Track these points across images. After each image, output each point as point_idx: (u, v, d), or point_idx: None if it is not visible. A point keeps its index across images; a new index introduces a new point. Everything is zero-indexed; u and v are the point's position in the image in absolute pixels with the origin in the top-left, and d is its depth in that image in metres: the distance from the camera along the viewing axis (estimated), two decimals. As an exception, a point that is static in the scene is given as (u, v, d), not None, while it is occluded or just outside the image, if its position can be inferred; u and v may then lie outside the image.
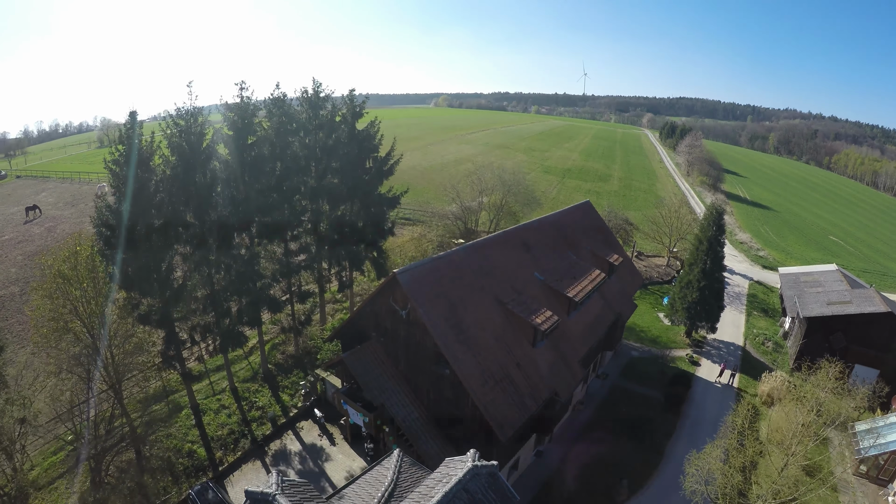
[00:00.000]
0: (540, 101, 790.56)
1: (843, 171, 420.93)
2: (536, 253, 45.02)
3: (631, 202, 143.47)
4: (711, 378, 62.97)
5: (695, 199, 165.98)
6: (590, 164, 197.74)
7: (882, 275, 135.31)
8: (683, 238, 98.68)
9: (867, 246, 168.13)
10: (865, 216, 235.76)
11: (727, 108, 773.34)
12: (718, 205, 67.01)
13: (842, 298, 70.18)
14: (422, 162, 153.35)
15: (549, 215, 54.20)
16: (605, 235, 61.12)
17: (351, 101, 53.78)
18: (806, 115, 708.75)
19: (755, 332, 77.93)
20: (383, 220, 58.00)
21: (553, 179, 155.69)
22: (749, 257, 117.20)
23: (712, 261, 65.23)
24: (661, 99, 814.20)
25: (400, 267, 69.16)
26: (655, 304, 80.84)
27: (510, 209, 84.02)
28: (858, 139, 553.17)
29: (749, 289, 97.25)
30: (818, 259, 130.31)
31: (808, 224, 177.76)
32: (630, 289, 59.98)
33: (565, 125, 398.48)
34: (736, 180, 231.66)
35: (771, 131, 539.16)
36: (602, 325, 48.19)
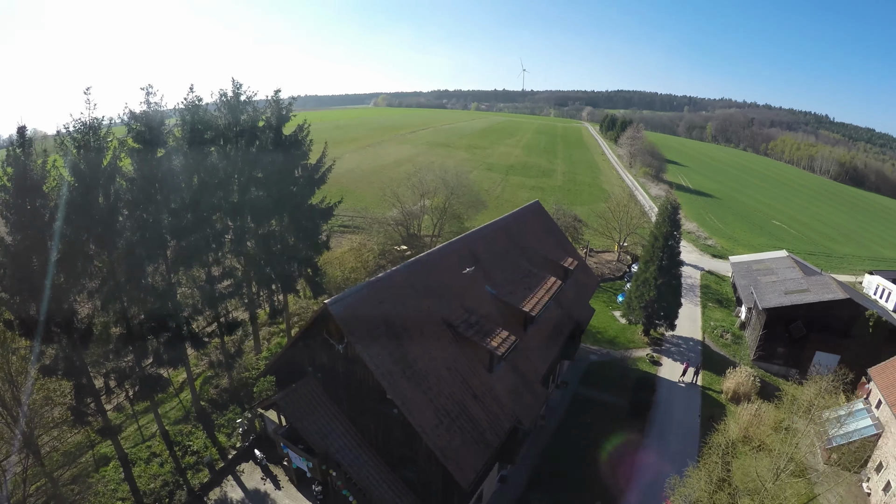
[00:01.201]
0: (480, 98, 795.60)
1: (780, 156, 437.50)
2: (486, 264, 41.48)
3: (576, 197, 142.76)
4: (674, 377, 61.44)
5: (639, 191, 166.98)
6: (532, 159, 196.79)
7: (827, 256, 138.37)
8: (633, 232, 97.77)
9: (810, 228, 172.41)
10: (805, 199, 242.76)
11: (664, 100, 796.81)
12: (672, 200, 65.43)
13: (799, 287, 70.20)
14: (360, 164, 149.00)
15: (497, 220, 50.49)
16: (557, 237, 58.45)
17: (276, 104, 48.41)
18: (741, 103, 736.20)
19: (713, 325, 77.26)
20: (317, 234, 53.16)
21: (496, 177, 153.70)
22: (698, 247, 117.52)
23: (668, 257, 63.88)
24: (600, 92, 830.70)
25: (340, 281, 66.28)
26: (609, 303, 79.05)
27: (454, 211, 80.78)
28: (793, 126, 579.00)
29: (701, 279, 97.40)
30: (764, 244, 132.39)
31: (751, 210, 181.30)
32: (586, 293, 57.70)
33: (506, 121, 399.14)
34: (678, 170, 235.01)
35: (708, 121, 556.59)
36: (561, 336, 45.51)
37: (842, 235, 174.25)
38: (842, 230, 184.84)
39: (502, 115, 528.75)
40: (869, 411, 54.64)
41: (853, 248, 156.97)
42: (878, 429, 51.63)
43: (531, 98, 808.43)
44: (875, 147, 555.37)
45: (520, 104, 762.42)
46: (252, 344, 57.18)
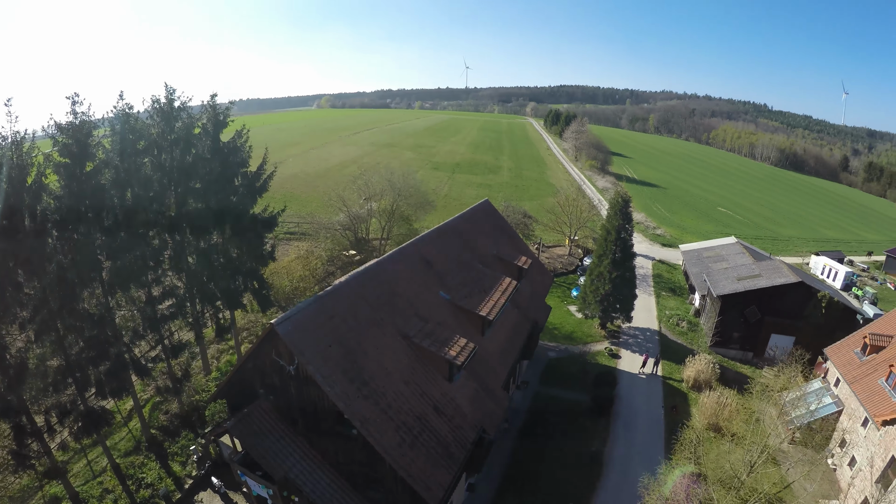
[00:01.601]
0: (423, 97, 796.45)
1: (721, 145, 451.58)
2: (439, 268, 40.18)
3: (524, 192, 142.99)
4: (634, 369, 61.56)
5: (587, 184, 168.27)
6: (478, 156, 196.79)
7: (773, 240, 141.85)
8: (584, 226, 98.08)
9: (754, 213, 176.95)
10: (748, 186, 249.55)
11: (607, 93, 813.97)
12: (623, 193, 65.62)
13: (751, 273, 71.52)
14: (305, 168, 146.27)
15: (448, 222, 48.92)
16: (509, 236, 57.73)
17: (213, 109, 45.53)
18: (682, 95, 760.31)
19: (668, 314, 78.08)
20: (261, 245, 50.53)
21: (443, 176, 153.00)
22: (647, 236, 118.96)
23: (622, 250, 64.15)
24: (543, 88, 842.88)
25: (289, 291, 64.46)
26: (564, 297, 79.16)
27: (402, 213, 79.42)
28: (733, 115, 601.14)
29: (653, 269, 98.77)
30: (712, 231, 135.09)
31: (696, 198, 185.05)
32: (542, 291, 57.13)
33: (450, 119, 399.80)
34: (623, 161, 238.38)
35: (650, 113, 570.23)
36: (519, 337, 44.71)
37: (785, 219, 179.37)
38: (785, 214, 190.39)
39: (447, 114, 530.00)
40: (828, 389, 56.06)
41: (797, 231, 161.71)
42: (839, 406, 52.96)
43: (475, 95, 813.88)
44: (813, 133, 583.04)
45: (464, 102, 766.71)
46: (200, 364, 54.64)
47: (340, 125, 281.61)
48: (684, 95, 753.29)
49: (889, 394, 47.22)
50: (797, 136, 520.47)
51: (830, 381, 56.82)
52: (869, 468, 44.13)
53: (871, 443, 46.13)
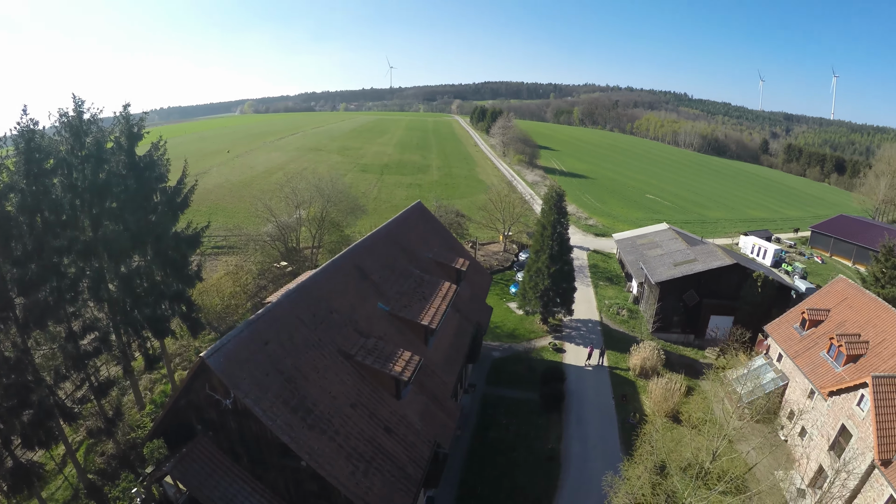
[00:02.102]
0: (348, 98, 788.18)
1: (645, 134, 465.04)
2: (376, 277, 38.61)
3: (454, 190, 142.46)
4: (580, 362, 61.73)
5: (517, 179, 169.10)
6: (406, 156, 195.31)
7: (702, 223, 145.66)
8: (517, 221, 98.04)
9: (682, 199, 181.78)
10: (674, 172, 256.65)
11: (531, 88, 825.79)
12: (556, 188, 65.80)
13: (686, 258, 72.91)
14: (229, 178, 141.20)
15: (381, 228, 46.93)
16: (444, 238, 56.64)
17: (126, 121, 42.47)
18: (605, 87, 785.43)
19: (607, 304, 78.77)
20: (186, 265, 47.77)
21: (371, 178, 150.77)
22: (580, 227, 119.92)
23: (559, 244, 64.07)
24: (467, 85, 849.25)
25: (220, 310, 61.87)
26: (503, 295, 78.84)
27: (333, 220, 77.31)
28: (654, 105, 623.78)
29: (589, 259, 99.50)
30: (642, 218, 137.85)
31: (625, 187, 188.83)
32: (481, 292, 56.21)
33: (376, 119, 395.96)
34: (550, 154, 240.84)
35: (574, 105, 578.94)
36: (464, 342, 43.72)
37: (712, 202, 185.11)
38: (711, 197, 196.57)
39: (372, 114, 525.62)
40: (771, 365, 57.95)
41: (724, 213, 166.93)
42: (783, 380, 54.96)
43: (399, 95, 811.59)
44: (732, 119, 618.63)
45: (389, 102, 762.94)
46: (133, 398, 51.24)
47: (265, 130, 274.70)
48: (607, 88, 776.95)
49: (832, 365, 49.47)
50: (718, 122, 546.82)
51: (773, 357, 58.67)
52: (821, 437, 45.67)
53: (820, 413, 47.89)
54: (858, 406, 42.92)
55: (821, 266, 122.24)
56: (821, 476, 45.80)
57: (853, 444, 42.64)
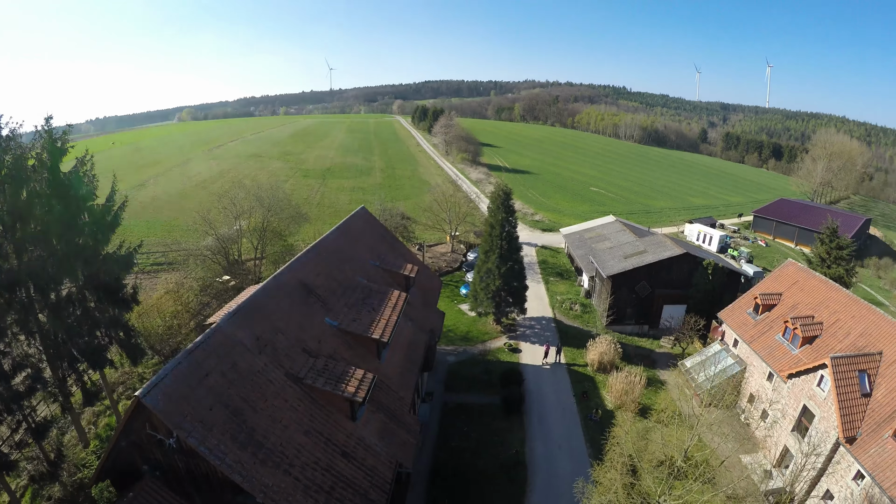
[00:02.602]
0: (288, 102, 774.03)
1: (586, 128, 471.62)
2: (322, 291, 36.46)
3: (398, 192, 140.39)
4: (537, 361, 61.10)
5: (461, 178, 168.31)
6: (349, 159, 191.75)
7: (646, 213, 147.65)
8: (464, 221, 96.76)
9: (626, 190, 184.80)
10: (616, 164, 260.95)
11: (471, 86, 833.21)
12: (503, 186, 64.66)
13: (636, 249, 73.31)
14: (167, 189, 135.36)
15: (324, 237, 44.75)
16: (390, 243, 54.95)
17: (49, 135, 38.59)
18: (545, 83, 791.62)
19: (559, 299, 78.48)
20: (120, 288, 43.98)
21: (314, 183, 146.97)
22: (526, 223, 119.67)
23: (508, 243, 63.45)
24: (408, 85, 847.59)
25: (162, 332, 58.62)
26: (454, 297, 77.55)
27: (275, 229, 74.41)
28: (594, 99, 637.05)
29: (538, 255, 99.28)
30: (587, 210, 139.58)
31: (568, 181, 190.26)
32: (432, 297, 54.78)
33: (317, 123, 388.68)
34: (493, 152, 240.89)
35: (515, 102, 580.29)
36: (418, 352, 41.96)
37: (655, 192, 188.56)
38: (654, 187, 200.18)
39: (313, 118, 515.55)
40: (727, 351, 58.52)
41: (668, 202, 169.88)
42: (741, 365, 55.59)
43: (340, 97, 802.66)
44: (671, 110, 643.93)
45: (329, 104, 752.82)
46: (76, 435, 46.99)
47: (203, 138, 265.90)
48: (547, 83, 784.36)
49: (788, 348, 50.29)
50: (657, 114, 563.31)
51: (729, 343, 59.45)
52: (783, 419, 46.42)
53: (780, 395, 48.76)
54: (819, 387, 43.86)
55: (765, 249, 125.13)
56: (786, 456, 47.00)
57: (816, 423, 43.65)
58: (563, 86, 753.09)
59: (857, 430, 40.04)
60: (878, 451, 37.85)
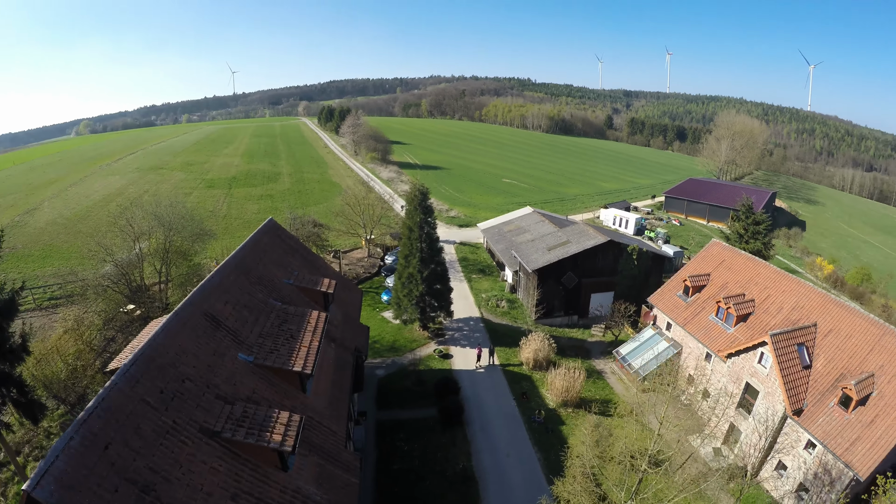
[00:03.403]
0: (190, 109, 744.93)
1: (494, 120, 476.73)
2: (231, 323, 31.63)
3: (309, 197, 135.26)
4: (470, 365, 58.90)
5: (372, 178, 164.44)
6: (255, 166, 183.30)
7: (561, 201, 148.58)
8: (378, 223, 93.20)
9: (538, 179, 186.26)
10: (526, 154, 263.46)
11: (377, 84, 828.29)
12: (419, 186, 61.60)
13: (559, 241, 72.51)
14: (63, 212, 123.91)
15: (229, 258, 38.62)
16: (304, 256, 50.45)
17: None
18: (450, 78, 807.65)
19: (484, 297, 76.62)
20: (5, 339, 37.01)
21: (219, 194, 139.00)
22: (442, 220, 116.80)
23: (429, 246, 60.79)
24: (313, 85, 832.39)
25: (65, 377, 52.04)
26: (375, 304, 73.82)
27: (178, 249, 68.42)
28: (500, 91, 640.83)
29: (457, 252, 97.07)
30: (502, 203, 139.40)
31: (480, 173, 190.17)
32: (354, 310, 50.71)
33: (221, 129, 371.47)
34: (403, 149, 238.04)
35: (422, 98, 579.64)
36: (345, 375, 38.26)
37: (567, 179, 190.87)
38: (566, 174, 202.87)
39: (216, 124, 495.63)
40: (661, 335, 58.98)
41: (581, 189, 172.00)
42: (677, 348, 56.17)
43: (244, 101, 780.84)
44: (576, 99, 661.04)
45: (233, 109, 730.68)
46: None
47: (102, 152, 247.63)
48: (452, 78, 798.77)
49: (723, 327, 51.05)
50: (562, 103, 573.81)
51: (662, 327, 59.79)
52: (726, 397, 46.50)
53: (721, 374, 49.69)
54: (760, 364, 44.75)
55: (679, 228, 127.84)
56: (733, 432, 48.02)
57: (761, 399, 44.69)
58: (469, 80, 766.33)
59: (803, 402, 41.24)
60: (827, 420, 39.30)
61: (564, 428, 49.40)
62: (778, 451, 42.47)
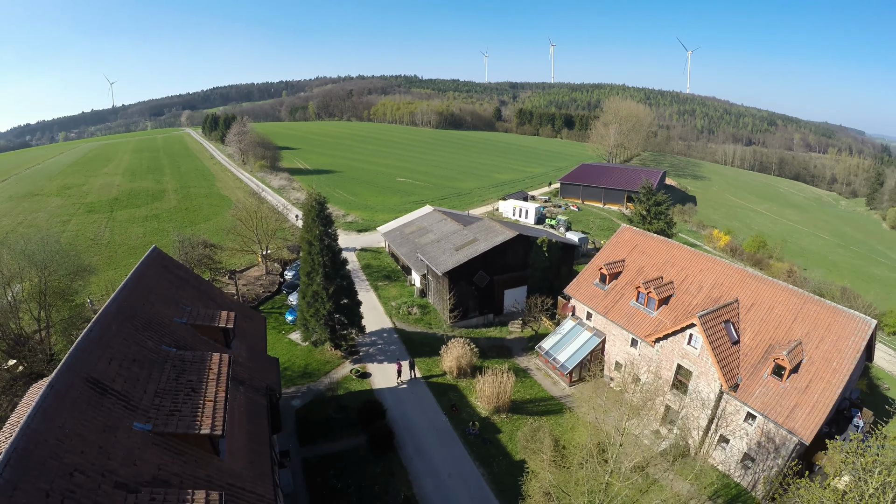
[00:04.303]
0: (68, 125, 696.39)
1: (383, 119, 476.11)
2: (119, 385, 25.80)
3: (197, 214, 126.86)
4: (391, 382, 55.50)
5: (263, 188, 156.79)
6: (138, 184, 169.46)
7: (457, 195, 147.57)
8: (274, 236, 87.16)
9: (432, 176, 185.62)
10: (418, 151, 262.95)
11: (262, 89, 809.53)
12: (316, 195, 56.17)
13: (466, 239, 70.53)
14: None
15: (110, 302, 32.14)
16: (196, 286, 44.69)
17: None
18: (337, 78, 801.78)
19: (394, 305, 73.35)
20: None
21: (101, 218, 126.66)
22: (340, 226, 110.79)
23: (331, 259, 55.95)
24: (196, 93, 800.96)
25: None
26: (280, 327, 68.03)
27: (57, 290, 60.78)
28: (388, 89, 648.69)
29: (359, 259, 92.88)
30: (399, 203, 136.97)
31: (373, 174, 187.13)
32: (259, 342, 45.21)
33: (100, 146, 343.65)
34: (292, 154, 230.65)
35: (309, 100, 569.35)
36: (261, 423, 33.22)
37: (461, 174, 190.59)
38: (459, 169, 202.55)
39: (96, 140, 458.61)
40: (582, 325, 58.58)
41: (475, 182, 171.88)
42: (600, 336, 55.97)
43: (124, 114, 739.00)
44: (463, 94, 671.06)
45: (113, 123, 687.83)
46: None
47: None
48: (339, 79, 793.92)
49: (646, 312, 51.32)
50: (450, 98, 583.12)
51: (582, 317, 59.31)
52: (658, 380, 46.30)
53: (649, 359, 50.02)
54: (690, 345, 45.15)
55: (578, 214, 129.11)
56: (669, 412, 48.45)
57: (696, 379, 45.15)
58: (355, 79, 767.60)
59: (738, 377, 42.37)
60: (763, 392, 40.66)
61: (502, 436, 47.33)
62: (718, 426, 43.36)
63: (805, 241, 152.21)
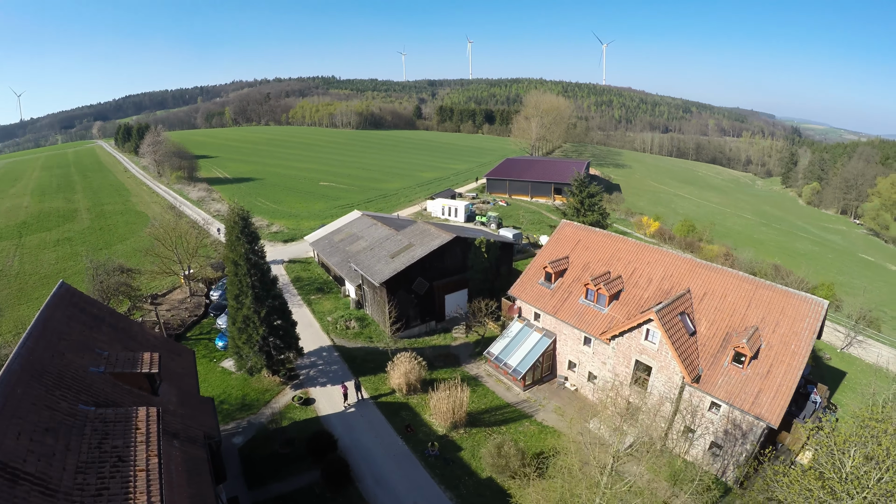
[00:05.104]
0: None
1: (302, 121, 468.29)
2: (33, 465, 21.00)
3: (113, 234, 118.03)
4: (338, 406, 51.44)
5: (181, 201, 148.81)
6: (47, 204, 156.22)
7: (383, 197, 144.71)
8: (196, 255, 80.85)
9: (356, 178, 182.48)
10: (339, 153, 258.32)
11: (176, 96, 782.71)
12: (238, 210, 50.08)
13: (400, 245, 67.92)
14: None
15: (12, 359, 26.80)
16: (112, 325, 39.34)
17: None
18: (253, 82, 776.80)
19: (330, 320, 69.15)
20: None
21: (8, 246, 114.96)
22: (265, 237, 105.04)
23: (260, 279, 50.72)
24: (107, 103, 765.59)
25: None
26: (210, 353, 62.60)
27: None
28: (305, 91, 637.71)
29: (288, 272, 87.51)
30: (324, 208, 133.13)
31: (295, 180, 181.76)
32: (189, 381, 40.32)
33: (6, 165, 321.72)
34: (210, 163, 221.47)
35: (225, 105, 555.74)
36: (204, 482, 29.07)
37: (385, 174, 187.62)
38: (383, 169, 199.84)
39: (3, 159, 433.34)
40: (531, 326, 57.20)
41: (400, 182, 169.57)
42: (551, 337, 54.69)
43: (33, 128, 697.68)
44: (382, 93, 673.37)
45: (21, 139, 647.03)
46: None
47: None
48: (255, 82, 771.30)
49: (597, 309, 50.35)
50: (369, 98, 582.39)
51: (530, 318, 58.01)
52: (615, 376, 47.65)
53: (605, 356, 49.27)
54: (648, 340, 44.42)
55: (508, 209, 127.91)
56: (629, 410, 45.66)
57: (656, 373, 44.68)
58: (272, 82, 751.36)
59: (699, 368, 41.92)
60: (726, 381, 40.55)
61: (464, 453, 44.81)
62: (683, 418, 42.71)
63: (729, 221, 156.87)
